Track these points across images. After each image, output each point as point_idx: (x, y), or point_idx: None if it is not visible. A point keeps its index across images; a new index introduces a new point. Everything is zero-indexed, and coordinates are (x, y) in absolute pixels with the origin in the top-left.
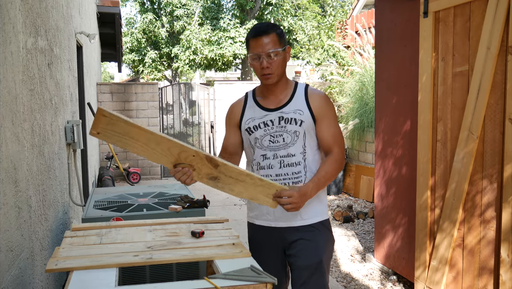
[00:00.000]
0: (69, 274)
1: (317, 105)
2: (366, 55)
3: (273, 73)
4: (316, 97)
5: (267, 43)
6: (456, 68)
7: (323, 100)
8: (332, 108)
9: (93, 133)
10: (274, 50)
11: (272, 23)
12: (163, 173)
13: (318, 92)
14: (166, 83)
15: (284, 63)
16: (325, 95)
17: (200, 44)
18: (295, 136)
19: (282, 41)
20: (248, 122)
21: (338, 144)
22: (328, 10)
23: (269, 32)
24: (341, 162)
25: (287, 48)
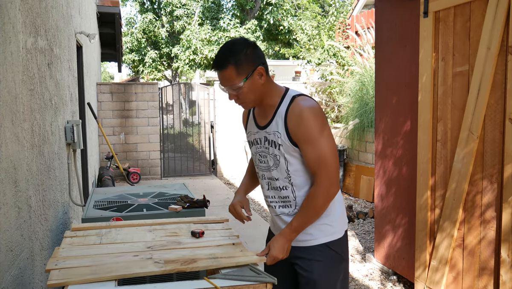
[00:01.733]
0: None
1: (292, 126)
2: (366, 55)
3: (243, 102)
4: (292, 117)
5: (224, 79)
6: (456, 68)
7: (299, 119)
8: (312, 126)
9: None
10: (231, 86)
11: (230, 49)
12: (163, 173)
13: (297, 108)
14: (166, 83)
15: (253, 90)
16: (304, 110)
17: (200, 44)
18: (276, 160)
19: (242, 71)
20: (248, 135)
21: (323, 167)
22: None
23: (223, 68)
24: (327, 188)
25: (255, 72)
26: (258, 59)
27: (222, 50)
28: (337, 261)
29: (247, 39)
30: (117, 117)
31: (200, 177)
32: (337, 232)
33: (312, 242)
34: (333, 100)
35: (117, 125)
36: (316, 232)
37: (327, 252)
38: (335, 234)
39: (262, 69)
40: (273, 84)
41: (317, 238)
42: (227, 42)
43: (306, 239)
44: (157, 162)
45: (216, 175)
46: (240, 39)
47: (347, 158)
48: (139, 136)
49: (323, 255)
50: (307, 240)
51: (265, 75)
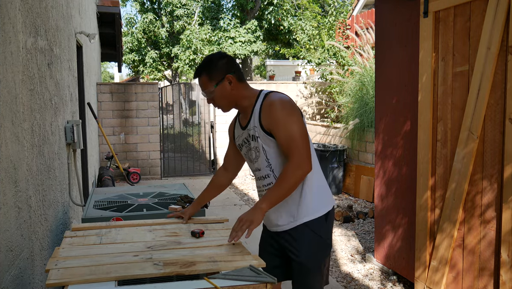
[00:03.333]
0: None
1: (264, 117)
2: (366, 55)
3: (219, 106)
4: (264, 109)
5: (201, 85)
6: (456, 68)
7: (268, 108)
8: (281, 112)
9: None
10: (205, 90)
11: (203, 64)
12: (163, 173)
13: (268, 101)
14: (166, 83)
15: (224, 95)
16: (273, 101)
17: (200, 44)
18: (257, 152)
19: (213, 78)
20: (236, 140)
21: (293, 146)
22: (329, 10)
23: (199, 76)
24: (298, 164)
25: (224, 80)
26: (229, 69)
27: (201, 63)
28: (317, 242)
29: (224, 53)
30: (117, 117)
31: (200, 177)
32: (315, 211)
33: (293, 224)
34: (333, 100)
35: (117, 125)
36: (295, 213)
37: (307, 232)
38: (313, 213)
39: (231, 77)
40: (247, 89)
41: (297, 219)
42: (206, 56)
43: (289, 221)
44: (157, 162)
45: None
46: (216, 53)
47: (347, 158)
48: (139, 136)
49: (303, 234)
50: (290, 222)
51: (235, 82)
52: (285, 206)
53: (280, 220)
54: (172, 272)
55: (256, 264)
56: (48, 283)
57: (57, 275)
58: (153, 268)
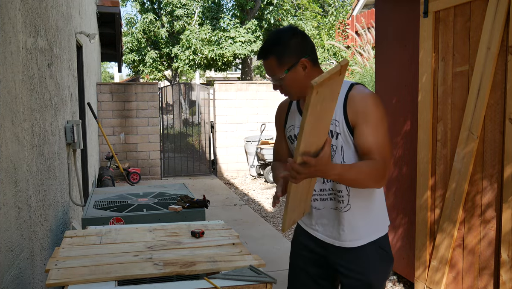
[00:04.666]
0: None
1: (354, 110)
2: (366, 55)
3: (287, 94)
4: (355, 100)
5: (267, 69)
6: (456, 68)
7: (363, 102)
8: (376, 111)
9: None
10: (273, 76)
11: (271, 43)
12: (163, 173)
13: (360, 92)
14: (166, 83)
15: (296, 81)
16: (368, 95)
17: (200, 44)
18: (332, 151)
19: (284, 62)
20: (289, 129)
21: (380, 154)
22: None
23: (265, 58)
24: (381, 171)
25: (298, 64)
26: (304, 51)
27: (267, 39)
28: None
29: (296, 28)
30: (117, 117)
31: (200, 177)
32: (383, 227)
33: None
34: None
35: (117, 125)
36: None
37: (376, 250)
38: (382, 229)
39: (307, 61)
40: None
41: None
42: (274, 30)
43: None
44: (157, 162)
45: (216, 175)
46: (287, 28)
47: None
48: (139, 136)
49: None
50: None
51: (310, 67)
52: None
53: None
54: (172, 272)
55: (256, 264)
56: (48, 283)
57: (57, 275)
58: (153, 268)
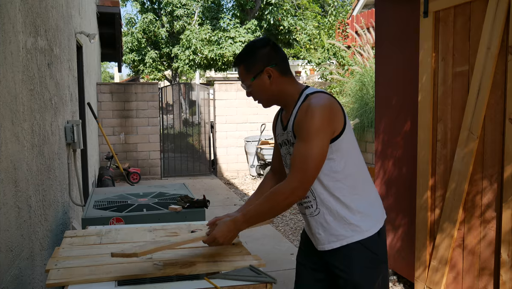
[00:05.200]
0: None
1: (296, 122)
2: (366, 55)
3: (258, 100)
4: (299, 114)
5: (239, 75)
6: (456, 68)
7: (303, 115)
8: (309, 123)
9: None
10: (243, 82)
11: (243, 53)
12: (163, 173)
13: (306, 104)
14: (166, 83)
15: (262, 89)
16: (309, 107)
17: (200, 44)
18: (288, 160)
19: (251, 70)
20: (277, 138)
21: (300, 167)
22: (329, 10)
23: (237, 65)
24: (293, 189)
25: (263, 73)
26: (270, 60)
27: (241, 50)
28: (374, 261)
29: (269, 39)
30: (117, 117)
31: (200, 177)
32: (367, 230)
33: (345, 241)
34: None
35: (117, 125)
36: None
37: (360, 249)
38: (366, 232)
39: (272, 70)
40: (291, 84)
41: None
42: (249, 42)
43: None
44: (157, 162)
45: (216, 175)
46: (260, 39)
47: None
48: (139, 136)
49: (357, 252)
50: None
51: (277, 76)
52: (332, 222)
53: (325, 240)
54: (172, 272)
55: (256, 264)
56: (48, 283)
57: (57, 275)
58: (153, 268)
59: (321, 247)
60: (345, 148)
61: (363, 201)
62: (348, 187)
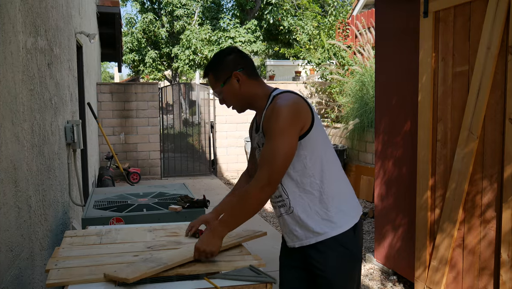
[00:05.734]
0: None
1: (264, 123)
2: (366, 55)
3: (231, 105)
4: (266, 114)
5: (209, 85)
6: (456, 68)
7: (267, 117)
8: (275, 123)
9: None
10: (213, 90)
11: (210, 62)
12: (163, 173)
13: (271, 106)
14: (166, 83)
15: (232, 94)
16: (274, 108)
17: (200, 44)
18: None
19: (219, 77)
20: (252, 140)
21: (267, 164)
22: (329, 10)
23: (206, 76)
24: (261, 187)
25: (231, 78)
26: (237, 65)
27: (209, 61)
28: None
29: (235, 48)
30: (117, 117)
31: (200, 177)
32: (341, 225)
33: (320, 237)
34: (333, 100)
35: (117, 125)
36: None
37: (335, 246)
38: (340, 227)
39: (239, 74)
40: (260, 87)
41: (323, 234)
42: (216, 52)
43: (315, 235)
44: (157, 162)
45: (216, 175)
46: (225, 49)
47: (347, 157)
48: (139, 136)
49: (331, 248)
50: (315, 236)
51: (245, 80)
52: (306, 218)
53: (303, 236)
54: (172, 272)
55: (256, 264)
56: (48, 283)
57: (57, 275)
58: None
59: (299, 243)
60: (315, 143)
61: (337, 196)
62: (320, 182)
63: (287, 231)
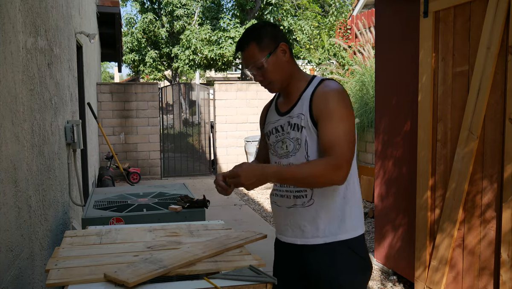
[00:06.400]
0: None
1: (318, 105)
2: (366, 55)
3: (270, 82)
4: (320, 96)
5: (247, 58)
6: (456, 68)
7: (326, 97)
8: (338, 107)
9: None
10: (254, 63)
11: (251, 29)
12: (163, 173)
13: (326, 88)
14: (166, 83)
15: (278, 67)
16: (333, 91)
17: (200, 44)
18: (296, 144)
19: (264, 47)
20: (266, 126)
21: (337, 147)
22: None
23: (245, 46)
24: (334, 166)
25: (278, 49)
26: (281, 38)
27: (244, 32)
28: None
29: (268, 21)
30: (117, 117)
31: (200, 177)
32: (356, 228)
33: (328, 239)
34: None
35: (117, 125)
36: (335, 227)
37: (346, 252)
38: (354, 230)
39: (286, 46)
40: (300, 69)
41: (334, 234)
42: (249, 26)
43: (324, 235)
44: (157, 162)
45: (216, 175)
46: (261, 22)
47: None
48: (139, 136)
49: (343, 254)
50: (325, 235)
51: (289, 54)
52: (323, 216)
53: (310, 233)
54: (172, 272)
55: (256, 264)
56: (48, 283)
57: (57, 275)
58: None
59: (303, 241)
60: None
61: (354, 199)
62: (348, 180)
63: (292, 224)
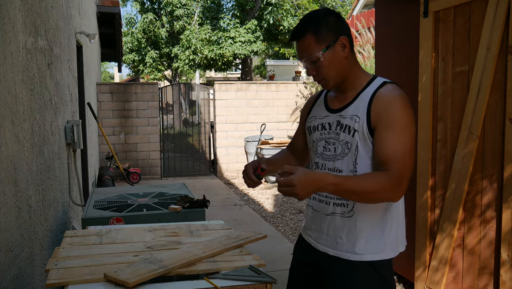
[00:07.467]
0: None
1: (377, 111)
2: (366, 54)
3: (324, 78)
4: (380, 100)
5: (302, 49)
6: (456, 68)
7: (388, 103)
8: (401, 116)
9: None
10: (309, 56)
11: (310, 17)
12: (163, 173)
13: (388, 92)
14: (166, 83)
15: (335, 63)
16: (396, 97)
17: (200, 44)
18: (345, 148)
19: (322, 40)
20: (310, 120)
21: (397, 163)
22: None
23: (301, 36)
24: (396, 181)
25: (337, 43)
26: (342, 30)
27: (302, 19)
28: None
29: (331, 9)
30: (117, 117)
31: (200, 177)
32: (391, 250)
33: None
34: None
35: (117, 125)
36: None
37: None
38: (388, 252)
39: (346, 40)
40: (359, 65)
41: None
42: (309, 12)
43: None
44: (157, 162)
45: (216, 175)
46: (323, 8)
47: None
48: (139, 136)
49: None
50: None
51: (349, 49)
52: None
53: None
54: (172, 272)
55: (256, 264)
56: (48, 283)
57: (57, 275)
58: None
59: (335, 252)
60: None
61: (401, 214)
62: None
63: (327, 232)
